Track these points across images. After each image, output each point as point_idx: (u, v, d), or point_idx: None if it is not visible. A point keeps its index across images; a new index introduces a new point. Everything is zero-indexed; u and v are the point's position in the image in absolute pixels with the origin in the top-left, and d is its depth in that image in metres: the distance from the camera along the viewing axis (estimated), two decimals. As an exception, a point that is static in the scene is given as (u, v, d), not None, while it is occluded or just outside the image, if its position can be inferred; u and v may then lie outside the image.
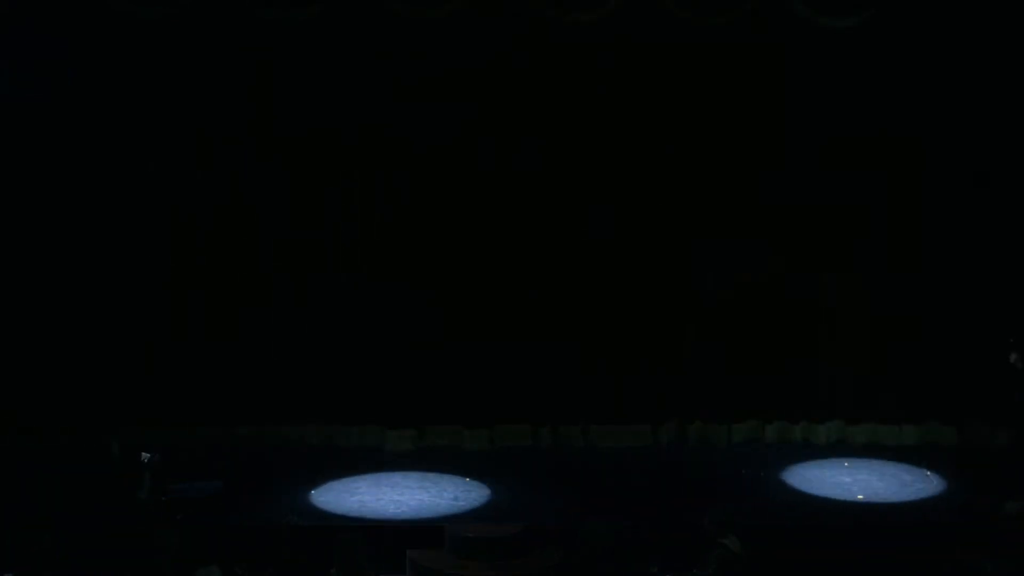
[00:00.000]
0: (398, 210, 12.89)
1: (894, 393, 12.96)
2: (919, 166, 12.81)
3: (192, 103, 12.48)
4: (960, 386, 12.76)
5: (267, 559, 9.33)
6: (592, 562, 9.16)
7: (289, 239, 12.82)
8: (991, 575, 8.43)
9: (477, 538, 10.22)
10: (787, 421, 13.13)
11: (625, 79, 12.73)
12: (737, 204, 12.85)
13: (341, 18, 12.13)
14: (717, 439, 13.07)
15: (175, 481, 10.89)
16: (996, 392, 12.13)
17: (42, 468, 11.77)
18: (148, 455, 10.46)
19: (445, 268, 12.87)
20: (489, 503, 11.33)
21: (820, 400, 13.12)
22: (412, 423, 12.92)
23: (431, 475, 12.02)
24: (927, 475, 11.98)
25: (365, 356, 12.82)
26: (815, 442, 13.05)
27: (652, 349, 13.03)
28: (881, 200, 12.88)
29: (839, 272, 13.02)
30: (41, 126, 12.36)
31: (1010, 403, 11.88)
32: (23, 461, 11.97)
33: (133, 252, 12.67)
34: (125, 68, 12.33)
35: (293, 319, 12.80)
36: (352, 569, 8.46)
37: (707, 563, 8.70)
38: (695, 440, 13.05)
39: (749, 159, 12.82)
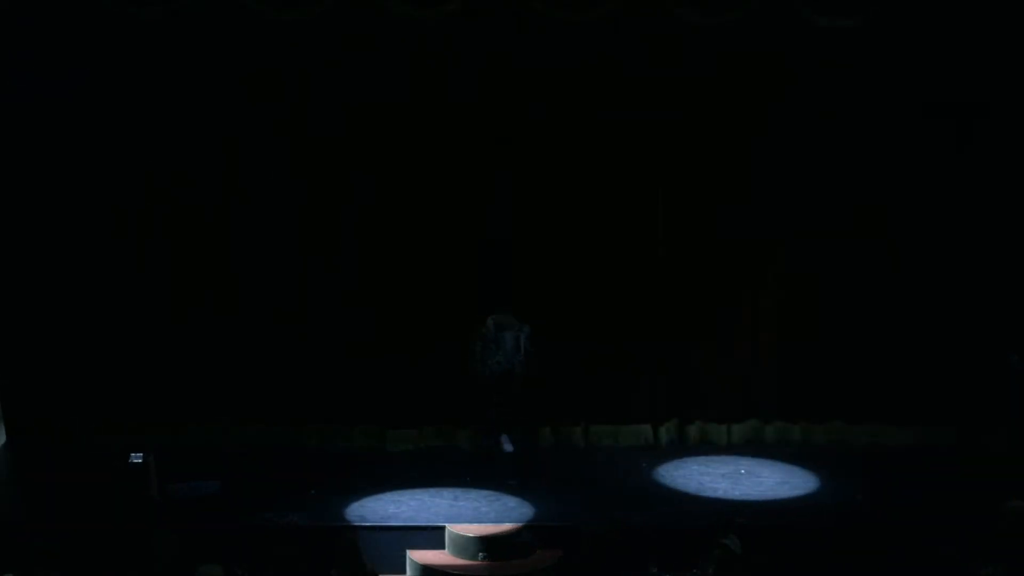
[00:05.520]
0: (398, 209, 12.90)
1: (894, 394, 12.94)
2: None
3: (192, 103, 12.48)
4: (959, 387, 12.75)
5: (267, 559, 9.35)
6: (592, 562, 9.17)
7: (289, 238, 12.83)
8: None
9: (477, 538, 10.25)
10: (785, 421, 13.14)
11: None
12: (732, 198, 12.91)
13: (343, 17, 12.14)
14: (717, 439, 13.09)
15: (175, 481, 10.91)
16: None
17: (42, 468, 11.78)
18: (139, 456, 10.48)
19: (445, 269, 12.86)
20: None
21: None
22: (411, 423, 12.92)
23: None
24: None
25: (364, 356, 12.81)
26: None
27: (651, 348, 13.02)
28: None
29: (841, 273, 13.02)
30: (41, 126, 12.34)
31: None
32: (23, 461, 11.99)
33: (132, 250, 12.67)
34: (125, 68, 12.32)
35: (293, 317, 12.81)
36: (352, 569, 8.47)
37: (707, 563, 8.71)
38: (695, 440, 13.07)
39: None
